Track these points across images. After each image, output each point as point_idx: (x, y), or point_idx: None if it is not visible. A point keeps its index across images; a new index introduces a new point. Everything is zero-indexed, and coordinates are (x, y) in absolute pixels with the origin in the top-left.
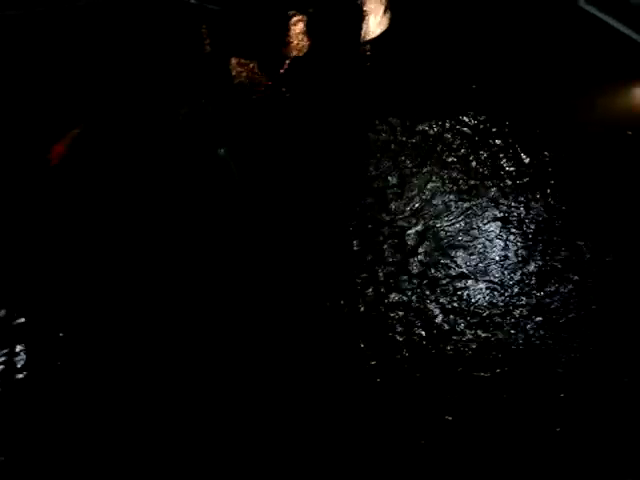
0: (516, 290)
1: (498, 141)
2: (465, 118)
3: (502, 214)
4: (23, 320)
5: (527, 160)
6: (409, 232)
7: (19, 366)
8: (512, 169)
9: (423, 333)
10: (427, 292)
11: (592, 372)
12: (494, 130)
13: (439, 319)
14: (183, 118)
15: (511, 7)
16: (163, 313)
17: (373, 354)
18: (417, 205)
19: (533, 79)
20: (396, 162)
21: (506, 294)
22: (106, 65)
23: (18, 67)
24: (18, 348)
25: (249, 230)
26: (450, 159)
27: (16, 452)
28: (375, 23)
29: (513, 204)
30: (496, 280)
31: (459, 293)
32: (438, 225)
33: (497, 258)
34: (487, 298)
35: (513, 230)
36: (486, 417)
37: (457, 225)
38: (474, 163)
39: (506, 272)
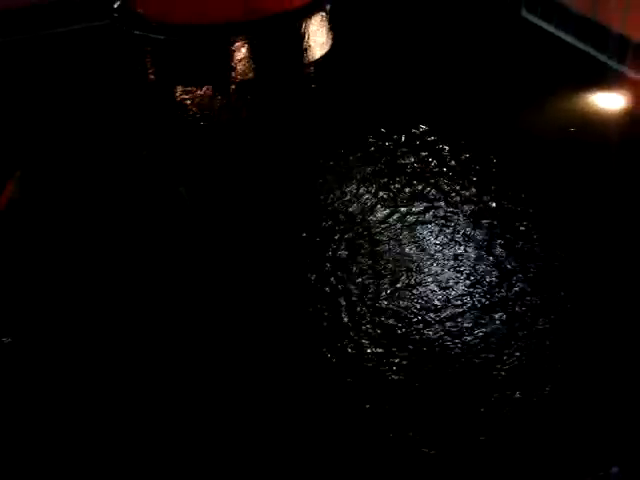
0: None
1: (445, 153)
2: (412, 131)
3: (451, 226)
4: None
5: (475, 168)
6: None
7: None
8: (460, 179)
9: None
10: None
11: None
12: (441, 142)
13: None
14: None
15: (456, 18)
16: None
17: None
18: (364, 220)
19: (478, 88)
20: (345, 180)
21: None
22: (43, 103)
23: None
24: None
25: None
26: (398, 174)
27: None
28: (317, 45)
29: (462, 213)
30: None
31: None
32: (381, 233)
33: (445, 272)
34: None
35: (461, 240)
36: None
37: (404, 235)
38: (423, 175)
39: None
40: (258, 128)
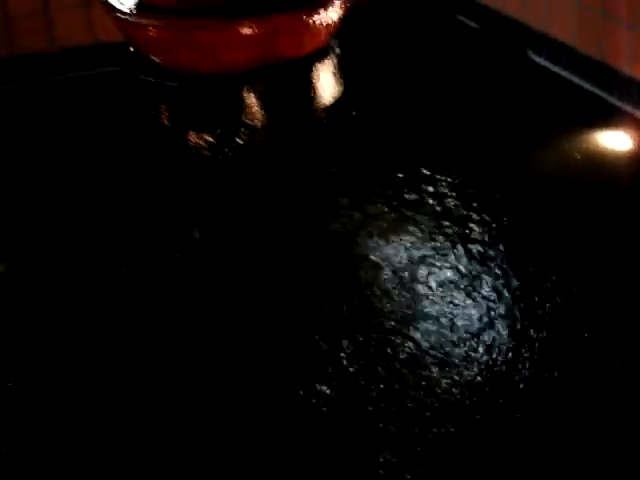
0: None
1: (452, 196)
2: (419, 176)
3: (459, 276)
4: None
5: (482, 211)
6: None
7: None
8: (467, 222)
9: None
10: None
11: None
12: (449, 185)
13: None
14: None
15: (464, 61)
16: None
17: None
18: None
19: (486, 130)
20: (356, 224)
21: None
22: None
23: None
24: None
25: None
26: (406, 218)
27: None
28: (328, 90)
29: (468, 257)
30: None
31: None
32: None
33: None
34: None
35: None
36: None
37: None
38: (430, 220)
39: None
40: (270, 173)
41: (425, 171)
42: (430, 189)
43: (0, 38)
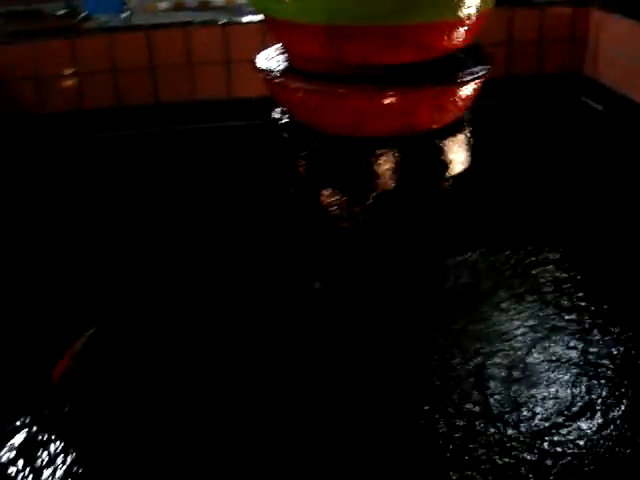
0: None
1: (573, 280)
2: (544, 258)
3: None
4: None
5: (602, 297)
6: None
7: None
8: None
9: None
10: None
11: None
12: (569, 270)
13: None
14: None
15: (586, 144)
16: None
17: None
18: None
19: (609, 216)
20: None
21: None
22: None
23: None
24: None
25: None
26: (530, 298)
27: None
28: (457, 161)
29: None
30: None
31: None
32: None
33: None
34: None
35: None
36: None
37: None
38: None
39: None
40: (394, 236)
41: (545, 252)
42: (549, 267)
43: (146, 87)
